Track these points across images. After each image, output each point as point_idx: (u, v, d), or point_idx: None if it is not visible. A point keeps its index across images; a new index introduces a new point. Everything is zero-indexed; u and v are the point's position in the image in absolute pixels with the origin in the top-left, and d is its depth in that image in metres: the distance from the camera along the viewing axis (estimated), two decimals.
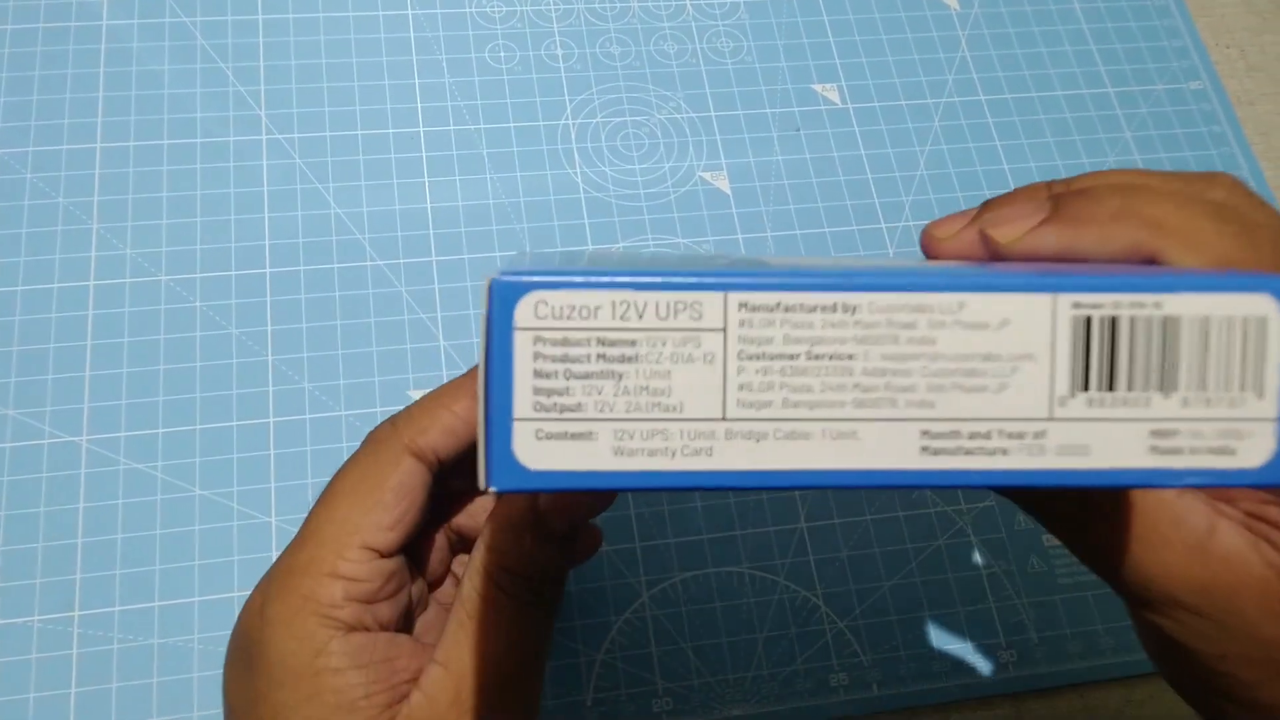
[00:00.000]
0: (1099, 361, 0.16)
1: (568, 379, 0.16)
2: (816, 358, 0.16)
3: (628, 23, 0.46)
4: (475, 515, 0.30)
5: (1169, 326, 0.16)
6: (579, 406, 0.16)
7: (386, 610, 0.27)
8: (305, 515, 0.27)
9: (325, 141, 0.42)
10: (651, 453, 0.16)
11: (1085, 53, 0.48)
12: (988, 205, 0.24)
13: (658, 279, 0.16)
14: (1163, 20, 0.49)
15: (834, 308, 0.16)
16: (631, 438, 0.16)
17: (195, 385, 0.38)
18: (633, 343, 0.16)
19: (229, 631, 0.27)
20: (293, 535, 0.27)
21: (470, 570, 0.26)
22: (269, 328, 0.39)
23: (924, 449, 0.16)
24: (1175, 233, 0.20)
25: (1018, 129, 0.46)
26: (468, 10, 0.46)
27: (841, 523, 0.38)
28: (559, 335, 0.16)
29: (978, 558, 0.38)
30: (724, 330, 0.16)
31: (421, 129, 0.43)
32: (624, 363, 0.16)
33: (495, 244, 0.41)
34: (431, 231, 0.41)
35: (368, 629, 0.26)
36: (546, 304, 0.16)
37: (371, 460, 0.27)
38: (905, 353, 0.16)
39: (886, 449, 0.16)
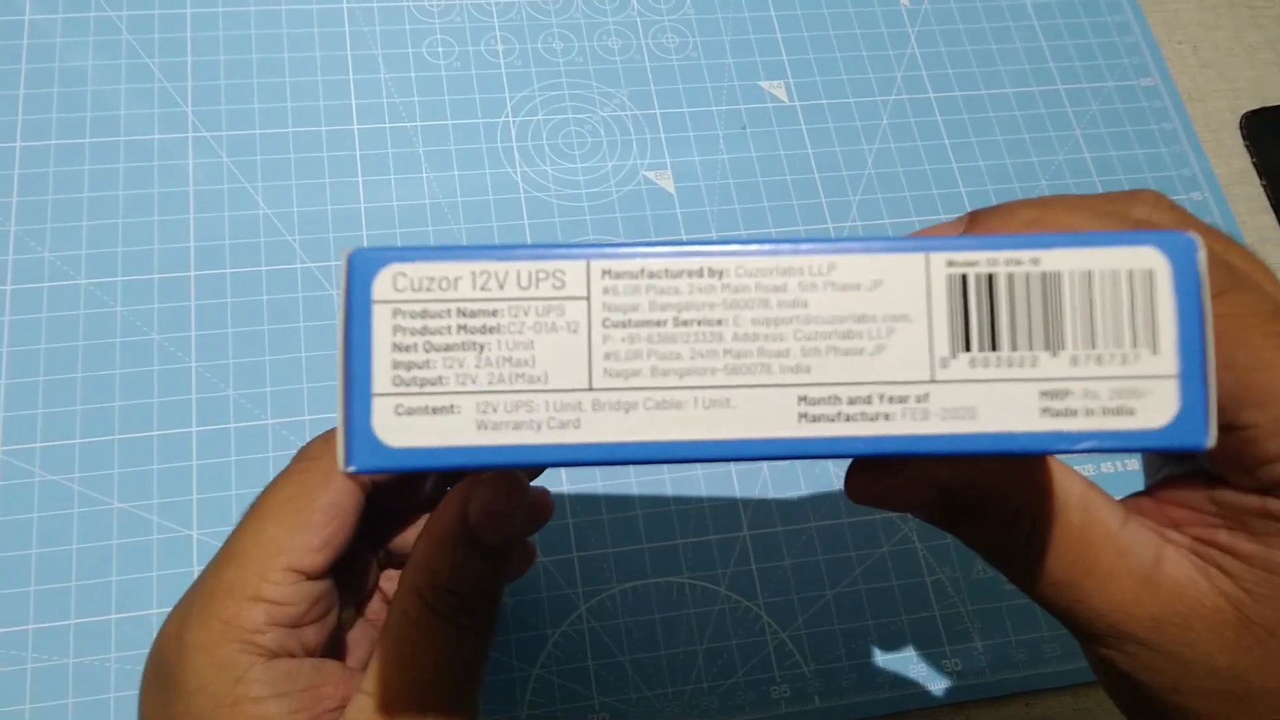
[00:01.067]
0: (979, 321, 0.16)
1: (428, 351, 0.16)
2: (684, 324, 0.16)
3: (570, 17, 0.45)
4: (411, 538, 0.29)
5: (1049, 282, 0.16)
6: (440, 380, 0.16)
7: (313, 635, 0.26)
8: (229, 529, 0.25)
9: (254, 139, 0.41)
10: (516, 426, 0.16)
11: (1036, 49, 0.47)
12: (971, 215, 0.23)
13: (516, 250, 0.16)
14: (1114, 16, 0.48)
15: (700, 272, 0.16)
16: (495, 410, 0.16)
17: (115, 393, 0.36)
18: (494, 313, 0.15)
19: (147, 651, 0.26)
20: (215, 550, 0.26)
21: (399, 591, 0.25)
22: (193, 333, 0.37)
23: (802, 416, 0.16)
24: None
25: (966, 127, 0.45)
26: (405, 4, 0.44)
27: (785, 530, 0.37)
28: (418, 307, 0.15)
29: (922, 564, 0.37)
30: (587, 298, 0.16)
31: (356, 126, 0.42)
32: (485, 334, 0.16)
33: (431, 244, 0.40)
34: (365, 233, 0.40)
35: (292, 655, 0.25)
36: (405, 275, 0.15)
37: (301, 478, 0.26)
38: (777, 316, 0.16)
39: (763, 417, 0.16)
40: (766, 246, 0.16)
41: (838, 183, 0.43)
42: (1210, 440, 0.16)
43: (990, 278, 0.16)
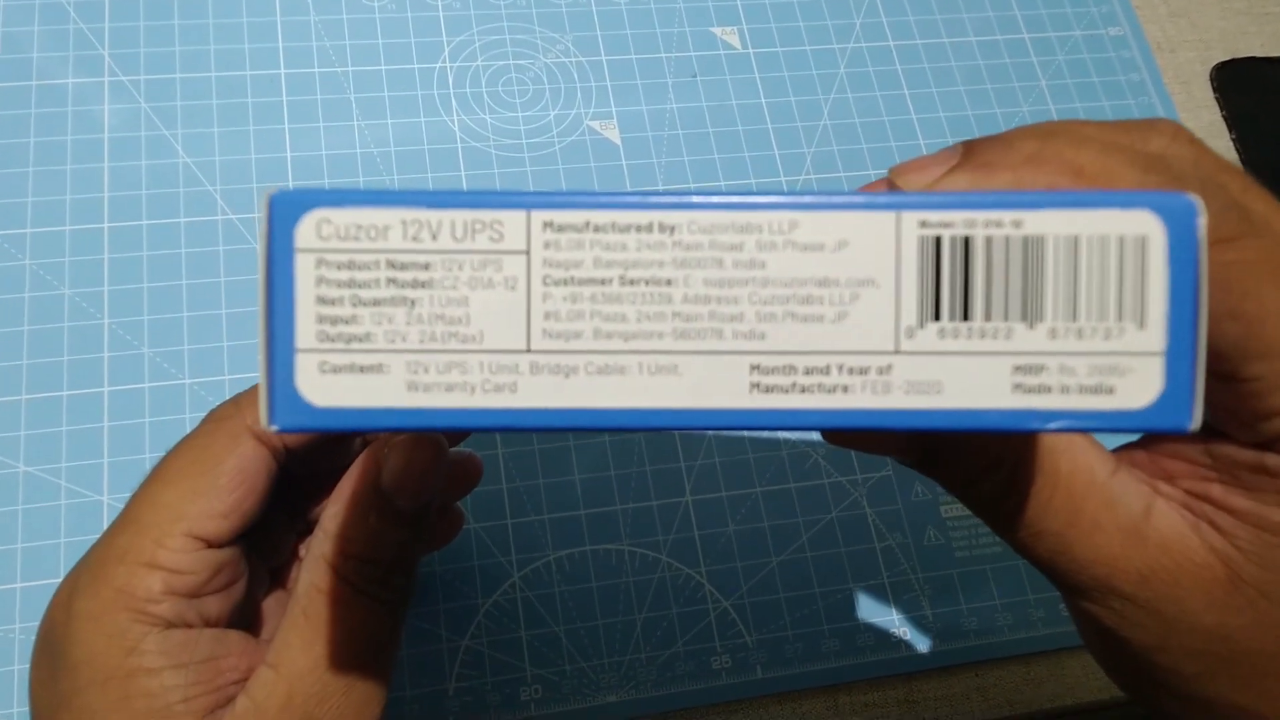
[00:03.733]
0: (951, 287, 0.15)
1: (355, 306, 0.14)
2: (631, 283, 0.15)
3: None
4: None
5: (1031, 247, 0.15)
6: (368, 336, 0.14)
7: (215, 605, 0.24)
8: None
9: (174, 84, 0.39)
10: (449, 388, 0.14)
11: None
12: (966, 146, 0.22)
13: (451, 197, 0.14)
14: None
15: (650, 227, 0.14)
16: (427, 371, 0.14)
17: (22, 351, 0.34)
18: (426, 265, 0.14)
19: None
20: None
21: (308, 561, 0.23)
22: (105, 288, 0.35)
23: (754, 385, 0.15)
24: (1094, 179, 0.17)
25: (928, 77, 0.43)
26: None
27: (729, 495, 0.36)
28: (344, 258, 0.14)
29: (871, 531, 0.36)
30: (527, 252, 0.14)
31: (283, 71, 0.39)
32: (417, 288, 0.14)
33: None
34: (292, 183, 0.38)
35: (190, 625, 0.23)
36: (330, 222, 0.14)
37: (207, 440, 0.24)
38: (731, 277, 0.15)
39: (712, 386, 0.15)
40: (723, 199, 0.14)
41: (792, 134, 0.41)
42: (1195, 423, 0.15)
43: (967, 241, 0.15)
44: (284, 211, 0.14)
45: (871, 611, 0.35)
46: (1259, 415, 0.18)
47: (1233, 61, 0.45)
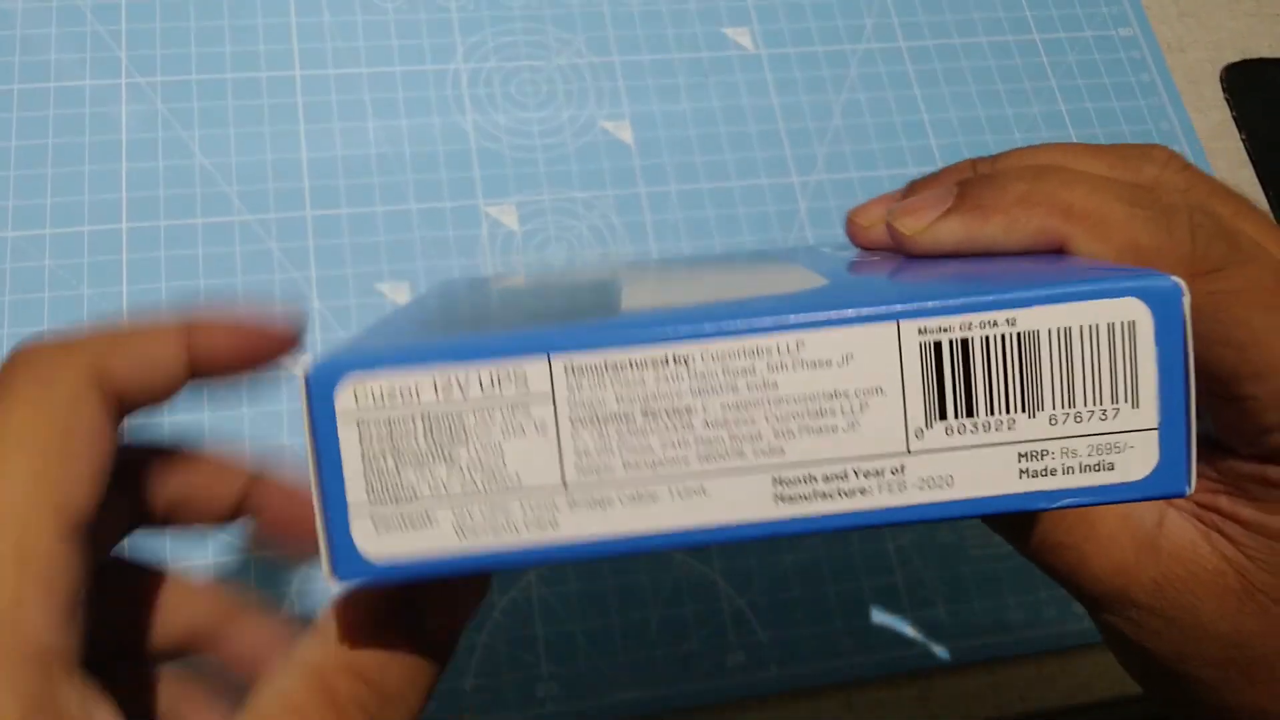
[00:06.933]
0: (954, 388, 0.15)
1: (398, 463, 0.15)
2: (653, 415, 0.15)
3: None
4: (197, 481, 0.20)
5: (1026, 343, 0.15)
6: (414, 491, 0.15)
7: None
8: None
9: (191, 86, 0.39)
10: (496, 530, 0.15)
11: None
12: (910, 188, 0.22)
13: (475, 349, 0.15)
14: None
15: (665, 361, 0.15)
16: (472, 517, 0.15)
17: None
18: (460, 416, 0.15)
19: None
20: None
21: (285, 662, 0.17)
22: (124, 288, 0.36)
23: (778, 497, 0.15)
24: (1084, 218, 0.18)
25: (939, 77, 0.43)
26: None
27: None
28: (383, 420, 0.15)
29: (886, 530, 0.36)
30: (552, 397, 0.15)
31: (298, 72, 0.40)
32: (455, 442, 0.15)
33: (376, 197, 0.38)
34: (307, 184, 0.38)
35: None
36: (365, 389, 0.15)
37: (41, 399, 0.17)
38: (747, 400, 0.15)
39: (738, 502, 0.15)
40: (733, 324, 0.15)
41: (803, 135, 0.41)
42: (1190, 487, 0.16)
43: (965, 343, 0.15)
44: (321, 385, 0.15)
45: (885, 609, 0.35)
46: (1258, 431, 0.19)
47: (1243, 62, 0.45)
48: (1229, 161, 0.43)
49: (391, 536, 0.15)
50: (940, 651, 0.35)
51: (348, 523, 0.15)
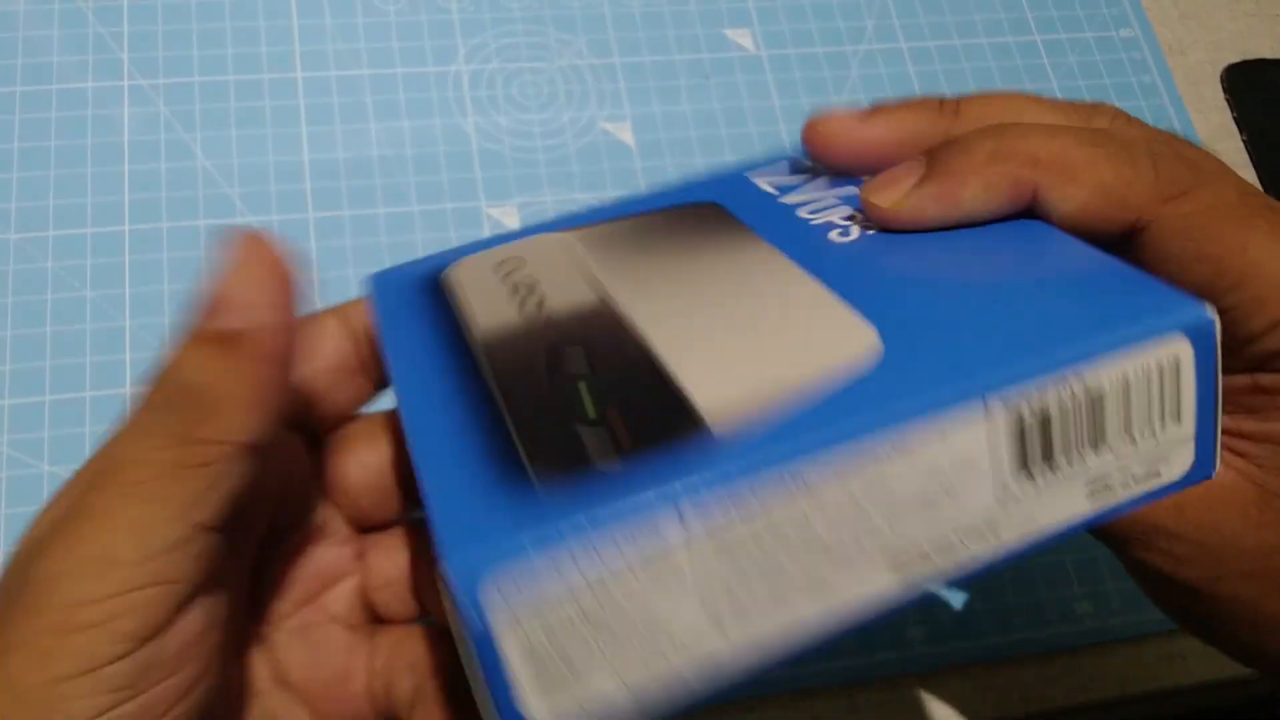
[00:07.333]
0: (1034, 446, 0.17)
1: (551, 639, 0.15)
2: (781, 535, 0.16)
3: None
4: (348, 468, 0.22)
5: (1094, 400, 0.17)
6: (573, 663, 0.15)
7: None
8: None
9: (193, 88, 0.39)
10: (655, 674, 0.16)
11: None
12: (875, 107, 0.23)
13: (607, 510, 0.15)
14: None
15: (781, 479, 0.16)
16: (632, 670, 0.16)
17: (45, 353, 0.34)
18: (603, 582, 0.15)
19: None
20: None
21: None
22: (127, 290, 0.36)
23: (894, 571, 0.17)
24: (1050, 165, 0.19)
25: (940, 79, 0.43)
26: None
27: None
28: (531, 604, 0.15)
29: None
30: (686, 545, 0.15)
31: (299, 74, 0.40)
32: (603, 609, 0.15)
33: (379, 199, 0.38)
34: (309, 185, 0.38)
35: None
36: (509, 581, 0.15)
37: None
38: (859, 496, 0.16)
39: (858, 584, 0.16)
40: (840, 432, 0.16)
41: None
42: (1216, 468, 0.18)
43: (1044, 410, 0.17)
44: (465, 583, 0.15)
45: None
46: (1243, 340, 0.19)
47: (1243, 63, 0.45)
48: (1230, 162, 0.43)
49: (559, 699, 0.16)
50: (943, 652, 0.35)
51: (517, 702, 0.15)
